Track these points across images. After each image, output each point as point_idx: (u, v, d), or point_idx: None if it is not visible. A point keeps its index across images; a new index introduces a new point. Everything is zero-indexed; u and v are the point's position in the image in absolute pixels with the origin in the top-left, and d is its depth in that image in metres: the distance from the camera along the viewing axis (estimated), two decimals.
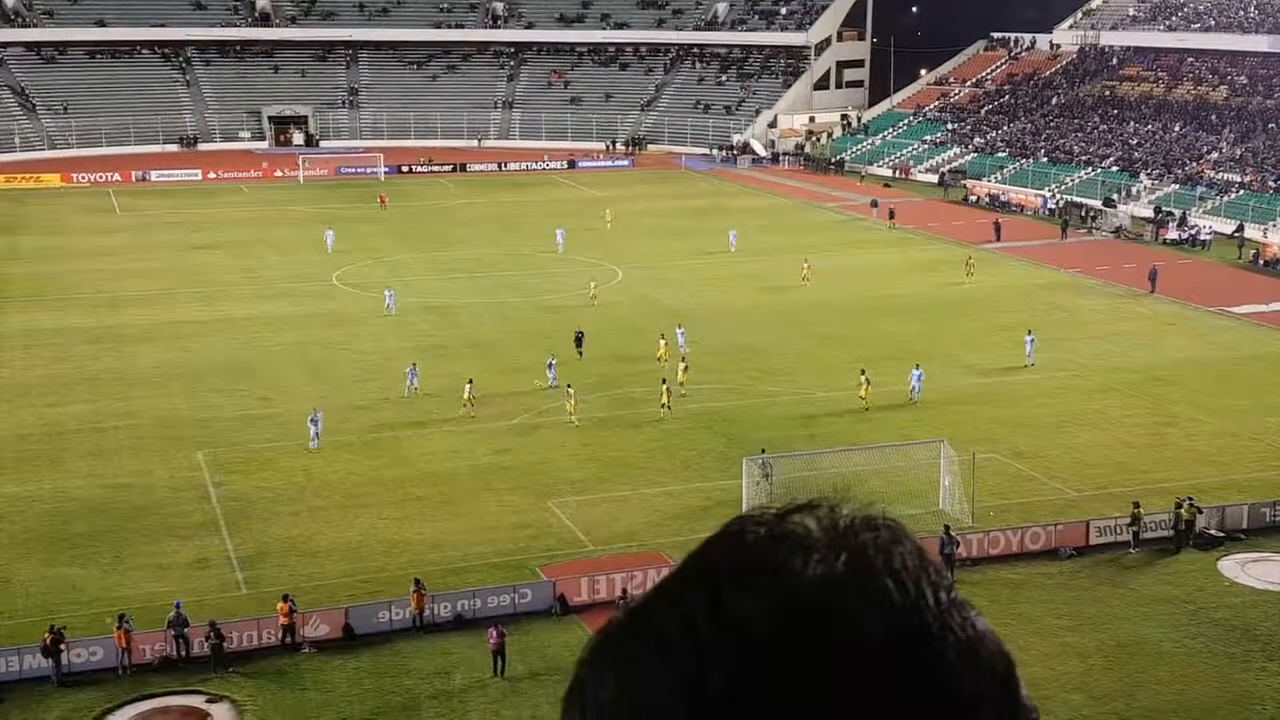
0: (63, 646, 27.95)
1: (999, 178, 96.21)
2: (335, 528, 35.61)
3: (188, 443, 41.90)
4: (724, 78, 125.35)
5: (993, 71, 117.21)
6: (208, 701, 27.66)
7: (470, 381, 44.78)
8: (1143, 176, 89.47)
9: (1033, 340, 50.51)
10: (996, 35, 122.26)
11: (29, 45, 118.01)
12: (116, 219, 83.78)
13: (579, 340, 50.91)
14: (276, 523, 35.94)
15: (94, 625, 29.29)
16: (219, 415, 44.53)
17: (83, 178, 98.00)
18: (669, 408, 43.57)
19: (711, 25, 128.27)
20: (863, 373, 45.23)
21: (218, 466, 39.95)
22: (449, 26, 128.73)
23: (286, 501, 37.41)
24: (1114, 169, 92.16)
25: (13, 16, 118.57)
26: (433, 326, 56.98)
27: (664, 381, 44.76)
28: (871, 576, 1.28)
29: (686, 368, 46.51)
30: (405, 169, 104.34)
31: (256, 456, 40.75)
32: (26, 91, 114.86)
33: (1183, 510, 34.78)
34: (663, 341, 49.87)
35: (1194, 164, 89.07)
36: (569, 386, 44.10)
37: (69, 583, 32.23)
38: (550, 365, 47.18)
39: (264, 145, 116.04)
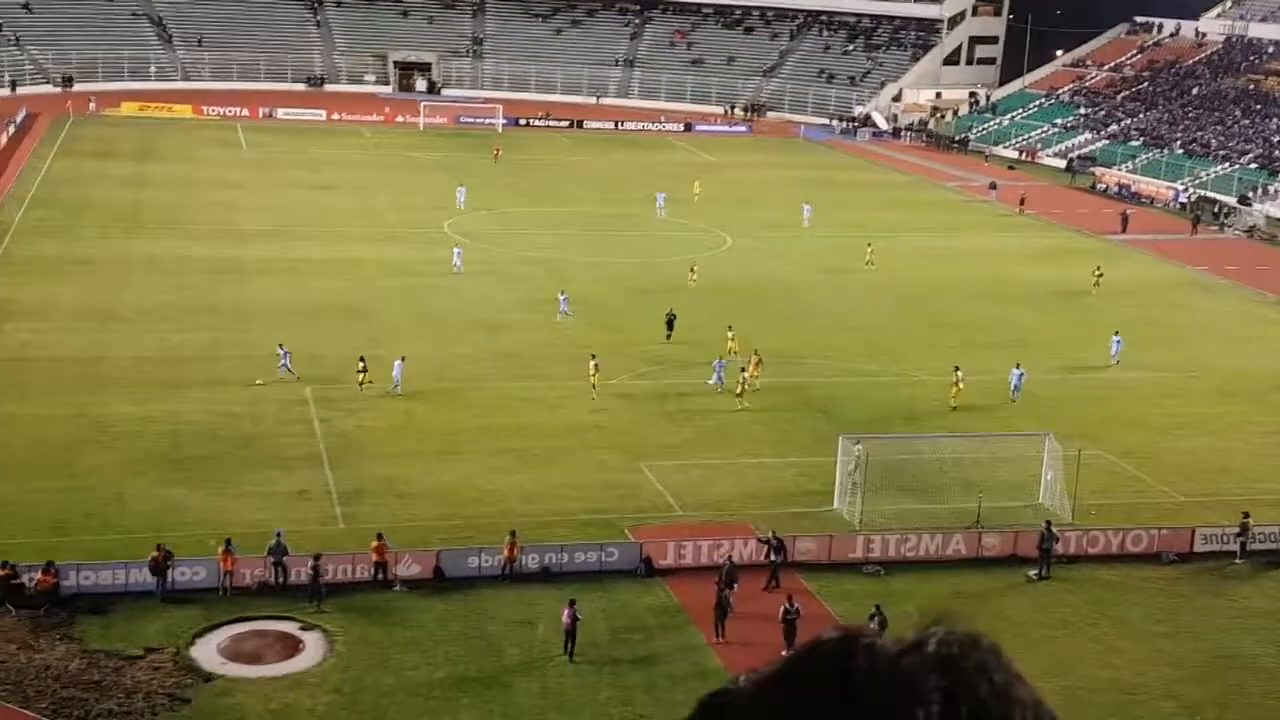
0: (169, 565, 29.00)
1: (1130, 167, 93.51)
2: (432, 472, 36.30)
3: (299, 376, 42.88)
4: (850, 47, 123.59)
5: (1132, 57, 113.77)
6: (301, 629, 28.50)
7: (595, 359, 43.05)
8: None
9: (1120, 342, 48.85)
10: (1139, 20, 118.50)
11: None
12: (242, 154, 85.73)
13: (670, 323, 48.71)
14: (376, 462, 36.74)
15: (198, 546, 30.31)
16: (328, 353, 45.51)
17: (212, 110, 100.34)
18: (741, 398, 42.62)
19: None
20: (956, 370, 43.57)
21: (324, 403, 40.91)
22: None
23: (387, 442, 38.21)
24: (1252, 166, 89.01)
25: None
26: (539, 280, 57.45)
27: (742, 370, 43.14)
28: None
29: (759, 361, 43.96)
30: (522, 122, 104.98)
31: (361, 396, 41.60)
32: (164, 23, 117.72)
33: None
34: (730, 333, 46.62)
35: None
36: (593, 358, 42.57)
37: (177, 503, 33.38)
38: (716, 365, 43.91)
39: (388, 90, 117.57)
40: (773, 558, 31.03)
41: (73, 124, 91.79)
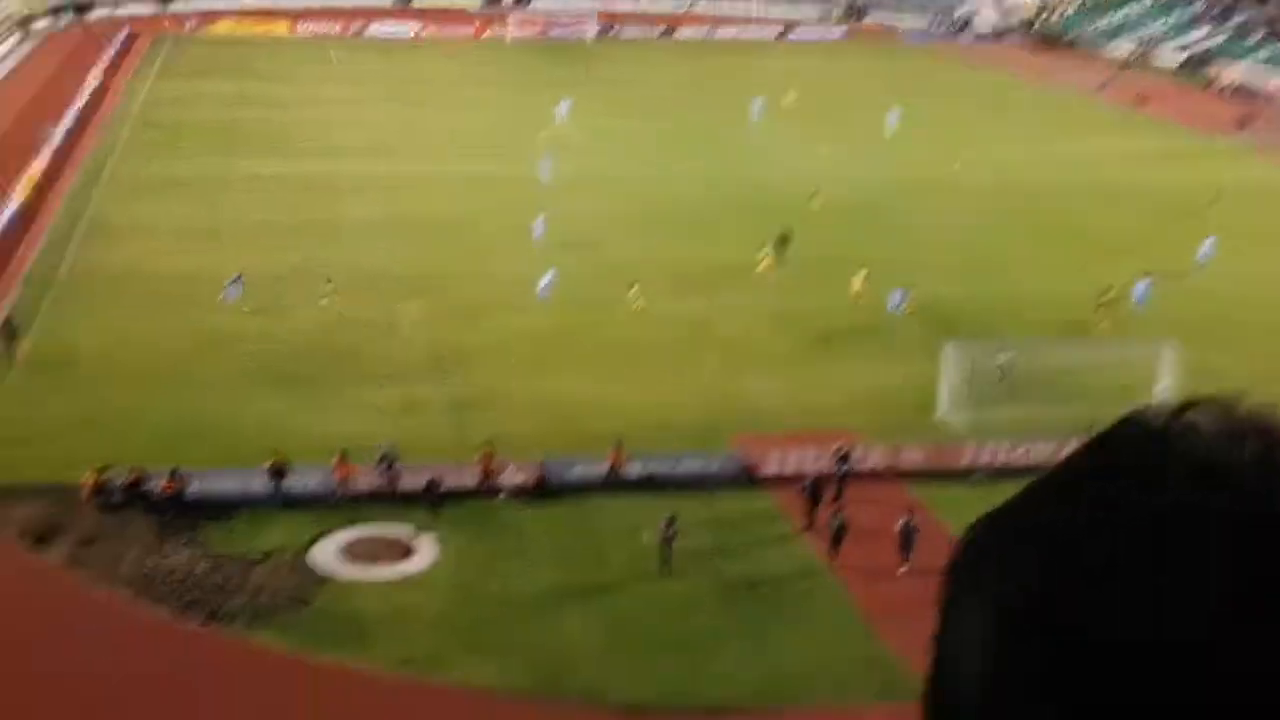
0: (285, 472, 29.86)
1: (1250, 63, 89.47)
2: (537, 382, 36.70)
3: (400, 291, 43.49)
4: None
5: None
6: (412, 535, 29.24)
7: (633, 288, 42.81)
8: None
9: (1213, 243, 47.25)
10: None
11: None
12: (335, 70, 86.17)
13: (783, 241, 46.92)
14: (481, 373, 37.25)
15: (312, 455, 31.05)
16: (430, 268, 45.96)
17: (305, 28, 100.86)
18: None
19: None
20: (1108, 291, 41.94)
21: (427, 315, 41.45)
22: None
23: (491, 353, 38.68)
24: None
25: None
26: (633, 191, 57.23)
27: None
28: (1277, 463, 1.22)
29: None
30: (614, 31, 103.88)
31: (463, 308, 42.06)
32: None
33: None
34: (858, 275, 43.34)
35: None
36: (634, 287, 42.16)
37: (292, 413, 34.22)
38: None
39: (477, 3, 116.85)
40: (840, 470, 30.97)
41: (171, 43, 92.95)
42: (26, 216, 51.16)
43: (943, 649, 1.15)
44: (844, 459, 31.23)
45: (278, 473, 29.84)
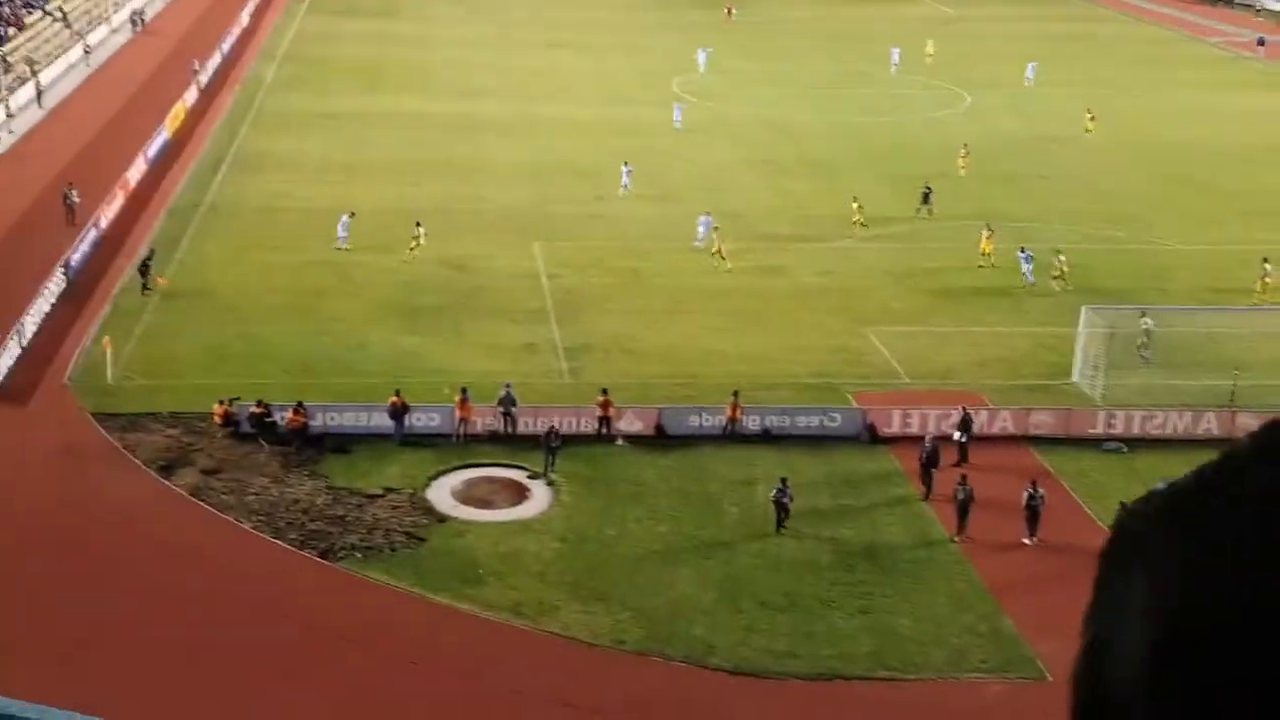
0: (407, 410, 30.27)
1: None
2: (657, 330, 36.57)
3: (528, 233, 43.69)
4: None
5: None
6: (529, 478, 29.45)
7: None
8: None
9: None
10: None
11: None
12: (480, 13, 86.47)
13: (926, 196, 45.92)
14: (602, 319, 37.23)
15: (432, 394, 31.48)
16: (558, 211, 46.06)
17: None
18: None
19: None
20: (1264, 262, 39.28)
21: (553, 259, 41.56)
22: None
23: (614, 299, 38.62)
24: None
25: None
26: (766, 140, 56.45)
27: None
28: None
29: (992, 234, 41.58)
30: None
31: (589, 253, 42.07)
32: None
33: None
34: (986, 234, 41.73)
35: None
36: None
37: (414, 351, 34.72)
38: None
39: None
40: (960, 436, 30.06)
41: None
42: (175, 149, 52.66)
43: (1096, 631, 1.15)
44: (966, 425, 30.29)
45: (398, 410, 30.26)
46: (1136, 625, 1.13)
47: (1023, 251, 39.85)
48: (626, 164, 48.21)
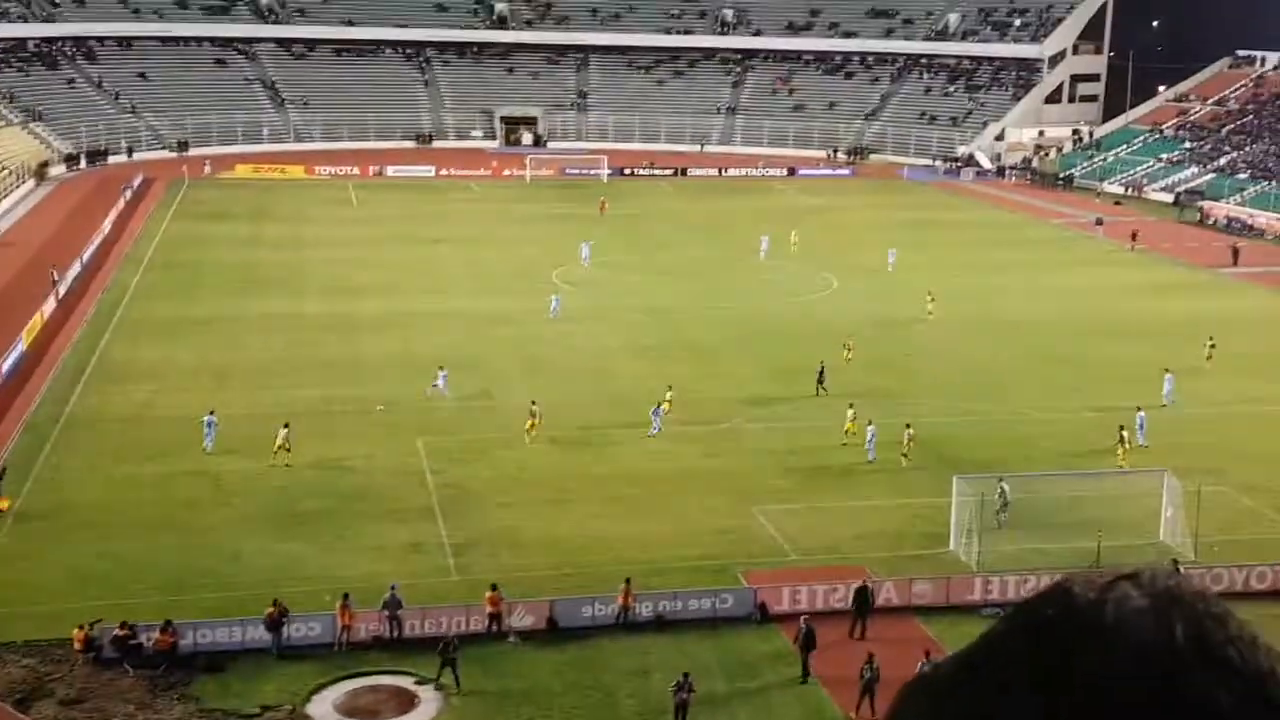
0: (285, 621, 29.23)
1: (1239, 200, 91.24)
2: (544, 520, 36.33)
3: (410, 430, 43.41)
4: (951, 89, 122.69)
5: (1236, 90, 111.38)
6: (416, 683, 28.54)
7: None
8: None
9: (1172, 379, 46.55)
10: (1241, 53, 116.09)
11: (280, 41, 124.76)
12: (353, 211, 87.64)
13: (821, 376, 47.03)
14: (489, 512, 36.88)
15: (313, 601, 30.58)
16: (440, 405, 45.99)
17: (324, 170, 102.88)
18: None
19: (942, 36, 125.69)
20: (1121, 429, 40.92)
21: (436, 454, 41.26)
22: (678, 33, 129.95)
23: (499, 492, 38.36)
24: None
25: (267, 14, 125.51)
26: (646, 326, 57.59)
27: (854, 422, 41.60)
28: (1213, 645, 1.29)
29: (854, 416, 42.34)
30: (627, 171, 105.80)
31: (473, 447, 41.93)
32: (276, 85, 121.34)
33: None
34: (851, 413, 42.40)
35: None
36: (533, 403, 42.87)
37: (293, 558, 33.76)
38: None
39: (494, 144, 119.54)
40: (861, 607, 30.40)
41: (188, 187, 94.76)
42: (33, 360, 51.12)
43: None
44: (864, 599, 30.59)
45: (276, 621, 29.11)
46: None
47: (870, 425, 40.93)
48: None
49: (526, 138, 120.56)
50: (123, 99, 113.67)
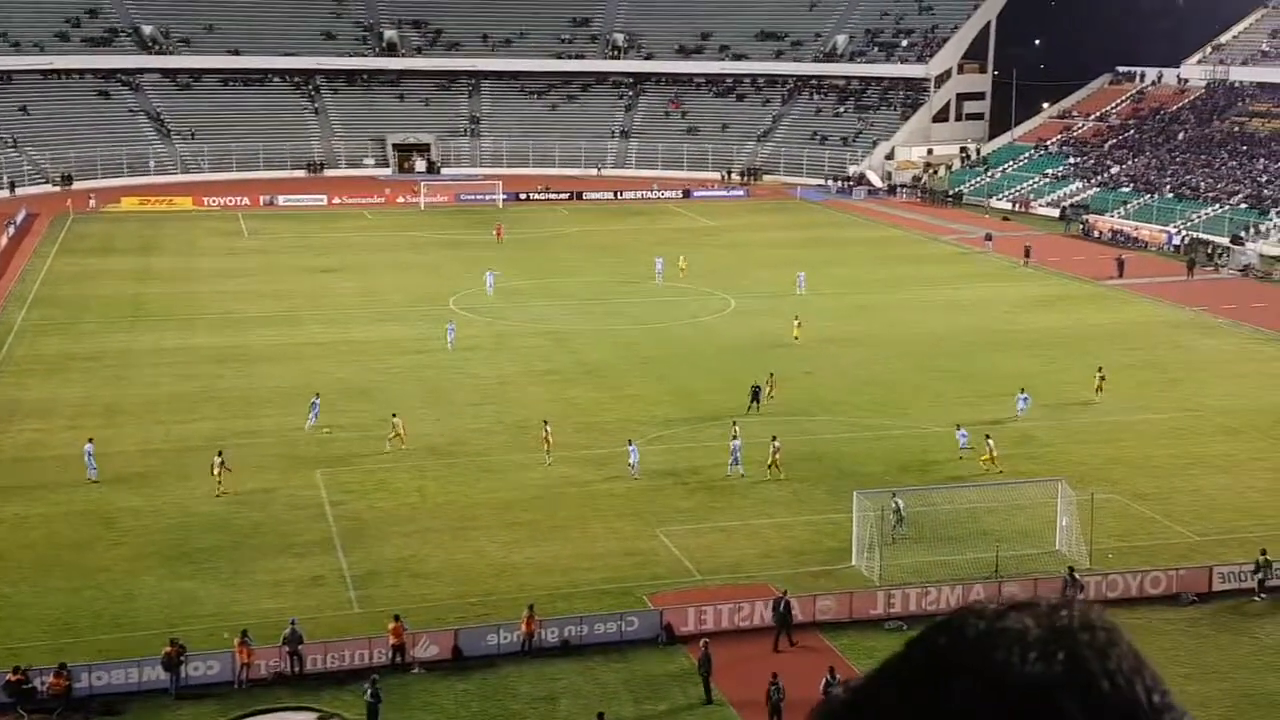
0: (182, 660, 28.59)
1: (1122, 213, 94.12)
2: (446, 549, 36.00)
3: (307, 462, 42.76)
4: (841, 109, 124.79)
5: (1118, 106, 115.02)
6: (319, 718, 28.05)
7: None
8: (1273, 214, 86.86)
9: (1026, 399, 47.39)
10: (1122, 69, 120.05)
11: (165, 72, 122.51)
12: (244, 242, 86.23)
13: (755, 394, 47.47)
14: (389, 543, 36.44)
15: (211, 639, 29.92)
16: (339, 435, 45.35)
17: (213, 201, 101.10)
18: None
19: (830, 57, 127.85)
20: (988, 439, 41.66)
21: (335, 486, 40.68)
22: (570, 57, 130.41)
23: (399, 522, 37.93)
24: (1242, 206, 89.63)
25: (150, 44, 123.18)
26: (546, 351, 57.49)
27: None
28: (1089, 677, 1.35)
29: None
30: (523, 196, 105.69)
31: (371, 477, 41.42)
32: (162, 117, 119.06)
33: None
34: (735, 429, 42.53)
35: None
36: (394, 416, 43.73)
37: (189, 596, 33.02)
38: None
39: (387, 172, 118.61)
40: (779, 620, 30.77)
41: (73, 221, 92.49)
42: None
43: None
44: (782, 608, 30.77)
45: (173, 661, 28.45)
46: None
47: (735, 439, 41.21)
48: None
49: (420, 164, 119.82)
50: (3, 133, 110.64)
